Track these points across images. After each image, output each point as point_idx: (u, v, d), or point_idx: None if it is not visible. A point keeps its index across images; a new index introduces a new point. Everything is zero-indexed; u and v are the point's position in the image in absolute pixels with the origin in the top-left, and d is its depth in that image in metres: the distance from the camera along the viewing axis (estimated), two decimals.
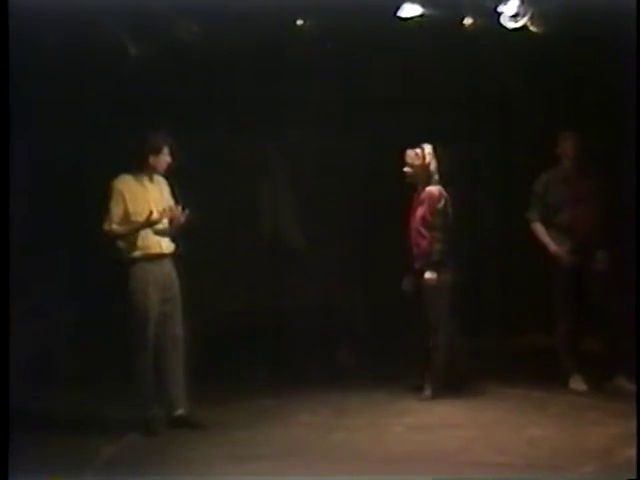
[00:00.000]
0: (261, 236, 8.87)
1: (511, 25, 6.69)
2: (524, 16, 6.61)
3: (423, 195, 6.96)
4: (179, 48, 7.10)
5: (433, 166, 6.95)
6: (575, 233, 7.08)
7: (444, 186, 6.97)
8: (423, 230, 6.93)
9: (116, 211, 6.22)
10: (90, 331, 7.60)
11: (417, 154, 6.95)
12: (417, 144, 6.98)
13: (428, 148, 6.96)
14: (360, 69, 8.11)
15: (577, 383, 7.07)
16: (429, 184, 6.96)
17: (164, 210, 6.24)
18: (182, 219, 6.25)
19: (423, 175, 6.96)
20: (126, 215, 6.23)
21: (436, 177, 6.97)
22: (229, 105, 8.14)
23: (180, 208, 6.27)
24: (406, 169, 6.97)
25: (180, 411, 6.34)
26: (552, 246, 7.12)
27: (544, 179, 7.24)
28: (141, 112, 7.38)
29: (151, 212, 6.19)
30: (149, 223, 6.21)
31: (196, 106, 8.05)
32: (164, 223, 6.30)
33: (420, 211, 6.95)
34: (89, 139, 7.67)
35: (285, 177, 8.98)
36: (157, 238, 6.31)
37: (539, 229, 7.20)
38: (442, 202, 6.91)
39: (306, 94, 8.19)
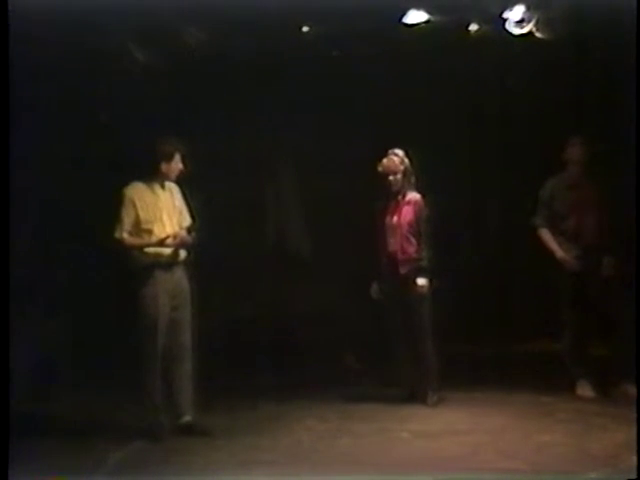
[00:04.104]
0: (267, 243, 8.89)
1: (516, 31, 6.71)
2: (529, 22, 6.63)
3: (406, 201, 6.93)
4: (184, 53, 7.12)
5: (410, 171, 6.95)
6: (582, 239, 7.07)
7: (419, 191, 6.96)
8: (411, 237, 6.91)
9: (127, 219, 6.20)
10: (98, 336, 7.61)
11: (399, 160, 6.90)
12: (391, 151, 6.95)
13: (402, 153, 6.94)
14: (366, 75, 8.12)
15: (584, 389, 7.05)
16: (409, 190, 6.95)
17: (177, 235, 6.25)
18: (190, 241, 6.28)
19: (405, 181, 6.93)
20: (137, 223, 6.22)
21: (413, 181, 6.97)
22: (234, 111, 8.16)
23: (187, 232, 6.29)
24: (391, 177, 6.91)
25: (187, 418, 6.33)
26: (559, 252, 7.10)
27: (550, 185, 7.23)
28: (143, 116, 7.38)
29: (167, 236, 6.21)
30: (162, 245, 6.23)
31: (201, 112, 8.07)
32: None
33: (406, 217, 6.91)
34: (89, 141, 7.68)
35: (291, 184, 8.99)
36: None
37: (546, 235, 7.18)
38: (427, 208, 6.92)
39: (312, 100, 8.20)
